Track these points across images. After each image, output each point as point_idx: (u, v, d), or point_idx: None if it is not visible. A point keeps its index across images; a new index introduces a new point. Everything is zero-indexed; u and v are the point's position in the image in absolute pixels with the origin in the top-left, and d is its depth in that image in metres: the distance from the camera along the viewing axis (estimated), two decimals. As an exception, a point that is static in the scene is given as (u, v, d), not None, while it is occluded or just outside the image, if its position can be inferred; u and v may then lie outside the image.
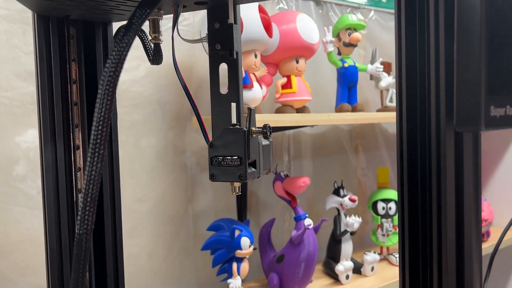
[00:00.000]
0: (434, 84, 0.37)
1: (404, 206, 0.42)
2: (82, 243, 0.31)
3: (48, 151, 0.55)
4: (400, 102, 0.40)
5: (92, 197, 0.31)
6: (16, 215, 0.79)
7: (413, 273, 0.40)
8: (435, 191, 0.37)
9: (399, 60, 0.42)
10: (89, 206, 0.31)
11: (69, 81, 0.58)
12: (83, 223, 0.31)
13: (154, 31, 0.52)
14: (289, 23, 0.88)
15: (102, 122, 0.32)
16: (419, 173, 0.39)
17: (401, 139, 0.42)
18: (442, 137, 0.36)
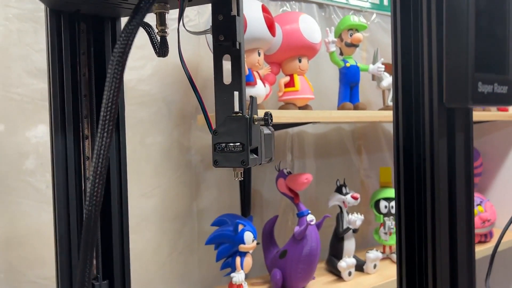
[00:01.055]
0: (427, 65, 0.39)
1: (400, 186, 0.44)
2: (91, 218, 0.33)
3: (58, 140, 0.58)
4: (396, 85, 0.42)
5: (101, 171, 0.32)
6: (25, 209, 0.81)
7: (409, 260, 0.41)
8: (429, 166, 0.38)
9: (394, 45, 0.44)
10: (98, 179, 0.32)
11: (79, 73, 0.60)
12: (92, 196, 0.32)
13: (160, 24, 0.55)
14: (292, 23, 0.91)
15: (111, 99, 0.34)
16: (414, 153, 0.41)
17: (397, 122, 0.43)
18: (434, 115, 0.37)
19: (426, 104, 0.39)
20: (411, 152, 0.43)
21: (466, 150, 0.38)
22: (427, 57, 0.39)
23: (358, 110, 0.99)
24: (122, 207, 0.62)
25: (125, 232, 0.62)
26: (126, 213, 0.63)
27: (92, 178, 0.32)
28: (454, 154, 0.38)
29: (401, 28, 0.42)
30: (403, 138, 0.44)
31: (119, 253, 0.61)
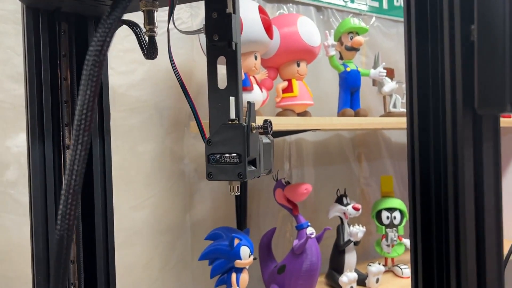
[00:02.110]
0: (449, 69, 0.34)
1: (416, 200, 0.39)
2: (63, 242, 0.28)
3: (36, 150, 0.52)
4: (410, 87, 0.37)
5: (75, 190, 0.27)
6: (5, 223, 0.76)
7: (427, 269, 0.36)
8: (452, 181, 0.34)
9: (408, 48, 0.39)
10: (71, 199, 0.27)
11: (60, 77, 0.55)
12: (64, 218, 0.27)
13: (149, 23, 0.50)
14: (290, 25, 0.86)
15: (87, 106, 0.29)
16: (432, 163, 0.36)
17: (412, 127, 0.39)
18: (458, 122, 0.33)
19: (448, 111, 0.35)
20: (427, 164, 0.39)
21: (494, 160, 0.33)
22: (449, 60, 0.35)
23: (360, 117, 0.95)
24: (107, 222, 0.57)
25: (110, 248, 0.57)
26: (112, 228, 0.58)
27: (64, 198, 0.27)
28: (481, 165, 0.33)
29: (416, 29, 0.38)
30: (419, 148, 0.40)
31: (103, 271, 0.56)
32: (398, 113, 1.05)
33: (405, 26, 0.38)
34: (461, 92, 0.33)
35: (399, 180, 1.30)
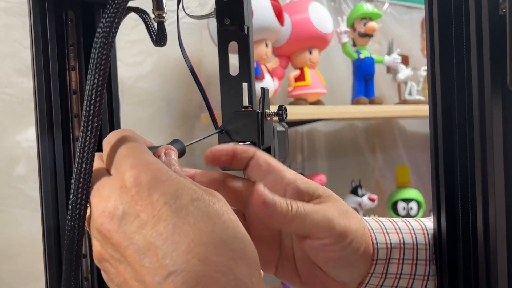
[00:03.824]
0: (475, 43, 0.32)
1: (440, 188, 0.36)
2: (74, 233, 0.26)
3: (45, 143, 0.51)
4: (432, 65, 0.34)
5: (86, 178, 0.25)
6: (16, 218, 0.75)
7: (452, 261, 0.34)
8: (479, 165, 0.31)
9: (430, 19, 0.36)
10: (81, 188, 0.25)
11: (68, 68, 0.54)
12: (75, 208, 0.25)
13: (158, 8, 0.48)
14: (301, 12, 0.84)
15: (95, 90, 0.27)
16: (457, 146, 0.34)
17: (435, 109, 0.36)
18: (487, 100, 0.30)
19: (474, 89, 0.32)
20: (452, 148, 0.36)
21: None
22: (475, 33, 0.32)
23: (375, 105, 0.92)
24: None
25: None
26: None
27: (74, 187, 0.25)
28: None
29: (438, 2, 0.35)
30: (443, 131, 0.37)
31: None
32: (414, 100, 1.02)
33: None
34: (489, 68, 0.31)
35: (414, 170, 1.28)
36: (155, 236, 0.21)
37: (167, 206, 0.22)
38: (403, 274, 0.33)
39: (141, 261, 0.21)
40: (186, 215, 0.22)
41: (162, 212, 0.22)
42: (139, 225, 0.22)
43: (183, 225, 0.21)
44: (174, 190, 0.23)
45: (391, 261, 0.33)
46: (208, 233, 0.22)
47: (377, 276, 0.33)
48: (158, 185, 0.23)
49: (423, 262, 0.33)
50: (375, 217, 0.36)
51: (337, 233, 0.30)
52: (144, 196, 0.22)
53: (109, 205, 0.23)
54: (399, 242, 0.33)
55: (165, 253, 0.21)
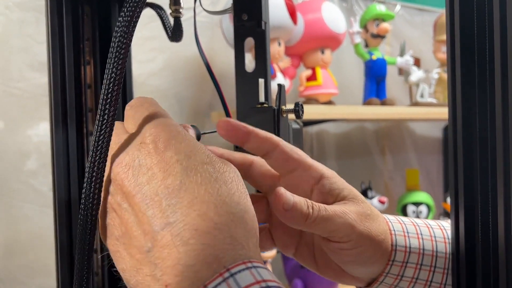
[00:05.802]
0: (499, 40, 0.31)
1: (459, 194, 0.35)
2: (87, 226, 0.25)
3: (59, 137, 0.51)
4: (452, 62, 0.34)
5: (100, 167, 0.25)
6: (26, 213, 0.75)
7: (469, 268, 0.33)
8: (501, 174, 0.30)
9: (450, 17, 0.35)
10: (95, 180, 0.25)
11: (83, 62, 0.54)
12: (88, 197, 0.25)
13: (174, 3, 0.48)
14: (315, 12, 0.84)
15: (113, 80, 0.26)
16: (477, 152, 0.33)
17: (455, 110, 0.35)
18: (510, 102, 0.29)
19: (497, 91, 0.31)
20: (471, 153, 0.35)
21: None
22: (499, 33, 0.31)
23: (387, 106, 0.91)
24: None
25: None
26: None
27: (88, 176, 0.25)
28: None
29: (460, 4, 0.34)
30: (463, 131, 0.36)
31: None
32: (426, 103, 1.01)
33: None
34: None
35: (424, 173, 1.27)
36: (162, 188, 0.22)
37: (178, 164, 0.23)
38: (419, 279, 0.33)
39: (145, 210, 0.22)
40: (194, 175, 0.23)
41: (173, 169, 0.23)
42: (150, 177, 0.23)
43: (189, 183, 0.22)
44: (188, 151, 0.24)
45: (408, 265, 0.32)
46: (212, 194, 0.22)
47: (392, 276, 0.32)
48: (174, 144, 0.24)
49: (441, 270, 0.33)
50: (398, 218, 0.35)
51: (357, 239, 0.30)
52: (159, 152, 0.23)
53: (127, 157, 0.24)
54: (419, 247, 0.33)
55: (168, 205, 0.22)
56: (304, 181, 0.32)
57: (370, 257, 0.31)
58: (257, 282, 0.20)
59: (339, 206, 0.31)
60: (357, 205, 0.31)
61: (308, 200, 0.29)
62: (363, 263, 0.32)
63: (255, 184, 0.34)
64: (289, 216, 0.28)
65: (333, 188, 0.32)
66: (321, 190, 0.31)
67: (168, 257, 0.21)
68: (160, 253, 0.21)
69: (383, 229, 0.32)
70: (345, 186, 0.33)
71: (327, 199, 0.31)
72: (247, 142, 0.32)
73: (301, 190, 0.32)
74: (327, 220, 0.29)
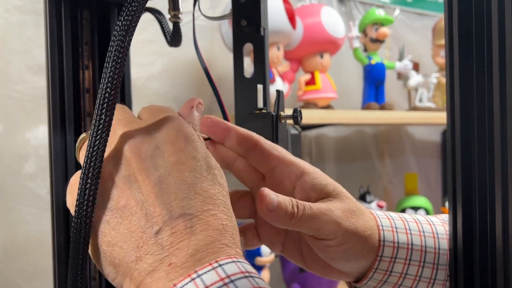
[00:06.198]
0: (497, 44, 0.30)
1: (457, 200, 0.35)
2: (81, 230, 0.25)
3: (57, 140, 0.51)
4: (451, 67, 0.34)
5: (95, 173, 0.24)
6: (24, 216, 0.75)
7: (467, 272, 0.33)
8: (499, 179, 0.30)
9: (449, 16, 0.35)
10: (89, 185, 0.24)
11: (81, 66, 0.54)
12: (82, 205, 0.24)
13: (174, 9, 0.48)
14: (314, 16, 0.84)
15: (111, 84, 0.26)
16: (475, 159, 0.33)
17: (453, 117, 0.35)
18: (508, 105, 0.29)
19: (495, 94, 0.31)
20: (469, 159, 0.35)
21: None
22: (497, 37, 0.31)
23: (385, 111, 0.92)
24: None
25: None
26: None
27: (82, 182, 0.24)
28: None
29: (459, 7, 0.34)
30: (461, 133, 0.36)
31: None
32: (424, 107, 1.01)
33: None
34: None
35: (423, 178, 1.27)
36: (179, 180, 0.23)
37: (195, 161, 0.24)
38: (408, 274, 0.33)
39: (159, 193, 0.23)
40: (207, 175, 0.24)
41: (190, 163, 0.24)
42: (168, 163, 0.24)
43: (203, 183, 0.24)
44: (203, 151, 0.25)
45: (397, 260, 0.32)
46: (221, 198, 0.24)
47: (381, 272, 0.33)
48: (193, 142, 0.25)
49: (431, 265, 0.33)
50: (387, 213, 0.35)
51: (343, 236, 0.30)
52: (180, 143, 0.24)
53: (144, 135, 0.25)
54: (407, 243, 0.33)
55: (185, 197, 0.23)
56: (285, 178, 0.32)
57: (357, 253, 0.31)
58: (242, 272, 0.22)
59: (324, 203, 0.31)
60: (342, 201, 0.32)
61: (293, 199, 0.30)
62: (350, 259, 0.32)
63: (241, 179, 0.34)
64: (274, 217, 0.29)
65: (316, 183, 0.32)
66: (304, 187, 0.32)
67: (178, 242, 0.22)
68: (171, 237, 0.22)
69: (370, 225, 0.32)
70: (329, 181, 0.33)
71: (310, 195, 0.32)
72: (227, 138, 0.33)
73: (283, 187, 0.32)
74: (313, 218, 0.29)
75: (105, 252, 0.24)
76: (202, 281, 0.21)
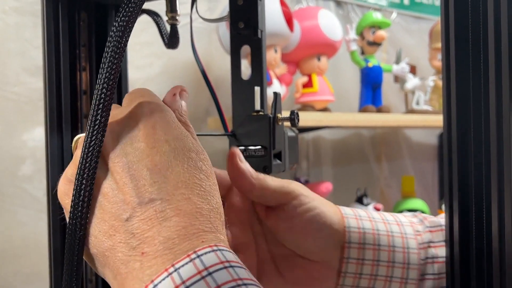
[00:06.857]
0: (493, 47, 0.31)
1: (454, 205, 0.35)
2: (75, 233, 0.24)
3: (54, 142, 0.51)
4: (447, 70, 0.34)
5: (89, 175, 0.24)
6: (21, 218, 0.75)
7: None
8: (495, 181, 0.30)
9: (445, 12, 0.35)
10: (84, 185, 0.24)
11: (79, 68, 0.54)
12: (77, 207, 0.24)
13: (171, 11, 0.48)
14: (311, 19, 0.84)
15: (106, 85, 0.26)
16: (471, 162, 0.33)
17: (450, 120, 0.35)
18: (505, 115, 0.29)
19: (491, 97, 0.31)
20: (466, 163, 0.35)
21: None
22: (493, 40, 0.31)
23: (382, 113, 0.92)
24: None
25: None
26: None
27: (77, 183, 0.24)
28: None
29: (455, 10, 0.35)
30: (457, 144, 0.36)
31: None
32: (421, 110, 1.02)
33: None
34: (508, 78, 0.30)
35: (420, 180, 1.27)
36: (149, 164, 0.23)
37: (167, 144, 0.24)
38: (380, 261, 0.33)
39: (128, 180, 0.23)
40: (181, 158, 0.24)
41: (161, 147, 0.23)
42: (137, 149, 0.23)
43: (176, 166, 0.23)
44: (177, 133, 0.25)
45: (366, 246, 0.33)
46: (195, 181, 0.24)
47: (353, 261, 0.33)
48: (164, 125, 0.24)
49: (401, 249, 0.33)
50: (357, 212, 0.35)
51: (298, 196, 0.32)
52: (149, 128, 0.24)
53: (114, 124, 0.25)
54: (372, 228, 0.33)
55: (154, 182, 0.23)
56: None
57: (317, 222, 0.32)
58: (221, 262, 0.21)
59: None
60: None
61: None
62: (316, 234, 0.32)
63: None
64: (240, 174, 0.33)
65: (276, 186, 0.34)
66: None
67: (149, 229, 0.22)
68: (141, 224, 0.22)
69: (329, 204, 0.34)
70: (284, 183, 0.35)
71: None
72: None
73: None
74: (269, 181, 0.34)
75: (88, 244, 0.24)
76: (179, 275, 0.20)
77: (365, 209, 0.94)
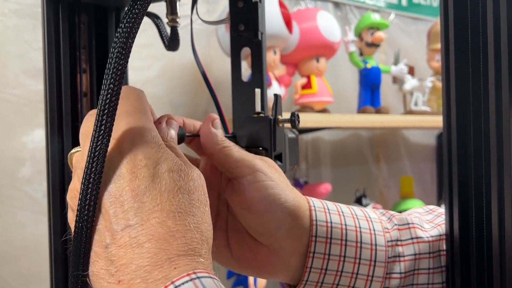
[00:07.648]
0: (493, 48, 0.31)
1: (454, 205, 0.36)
2: (82, 235, 0.24)
3: (54, 144, 0.51)
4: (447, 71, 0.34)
5: (96, 179, 0.24)
6: (20, 220, 0.75)
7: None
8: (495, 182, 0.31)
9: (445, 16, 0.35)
10: (91, 189, 0.24)
11: (79, 70, 0.54)
12: (83, 209, 0.24)
13: (171, 13, 0.48)
14: (310, 20, 0.84)
15: (112, 90, 0.26)
16: (471, 162, 0.33)
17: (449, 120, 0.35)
18: (504, 116, 0.30)
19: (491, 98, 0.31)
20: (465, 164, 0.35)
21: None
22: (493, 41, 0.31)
23: (381, 114, 0.92)
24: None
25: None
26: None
27: (83, 187, 0.24)
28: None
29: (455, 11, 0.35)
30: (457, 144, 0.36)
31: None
32: (420, 111, 1.02)
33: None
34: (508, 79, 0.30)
35: (418, 181, 1.28)
36: (127, 190, 0.23)
37: (146, 169, 0.24)
38: (347, 257, 0.32)
39: (108, 207, 0.23)
40: (159, 182, 0.23)
41: (140, 172, 0.23)
42: (117, 175, 0.24)
43: (153, 190, 0.23)
44: (157, 157, 0.24)
45: (333, 241, 0.32)
46: (173, 203, 0.23)
47: (319, 256, 0.31)
48: (144, 149, 0.24)
49: (369, 246, 0.32)
50: (321, 200, 0.35)
51: (255, 172, 0.32)
52: (129, 153, 0.24)
53: None
54: (341, 223, 0.32)
55: (130, 208, 0.23)
56: None
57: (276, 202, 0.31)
58: None
59: None
60: None
61: None
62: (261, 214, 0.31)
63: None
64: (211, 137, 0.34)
65: None
66: None
67: (123, 256, 0.22)
68: (117, 251, 0.22)
69: (294, 190, 0.33)
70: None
71: None
72: None
73: None
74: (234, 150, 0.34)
75: None
76: None
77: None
